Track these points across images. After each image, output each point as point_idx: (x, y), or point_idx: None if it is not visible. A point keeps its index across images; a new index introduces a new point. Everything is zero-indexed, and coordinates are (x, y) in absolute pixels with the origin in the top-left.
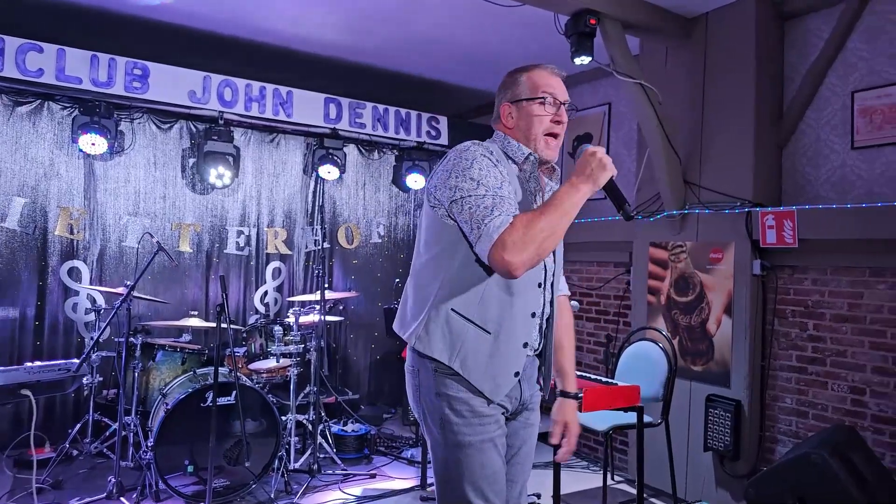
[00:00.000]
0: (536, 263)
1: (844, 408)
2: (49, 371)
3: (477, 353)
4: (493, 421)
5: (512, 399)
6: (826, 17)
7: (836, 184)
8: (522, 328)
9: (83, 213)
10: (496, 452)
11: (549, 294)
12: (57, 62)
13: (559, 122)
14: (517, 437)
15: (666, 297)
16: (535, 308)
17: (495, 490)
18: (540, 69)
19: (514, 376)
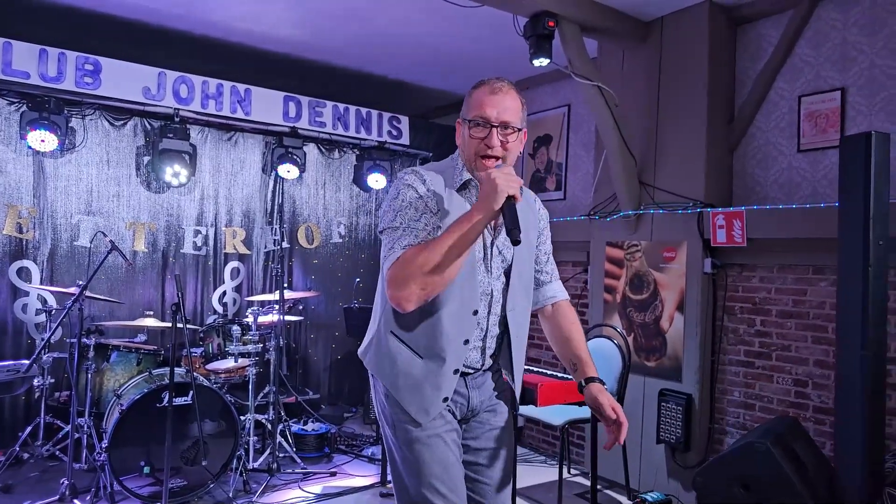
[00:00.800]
0: (426, 296)
1: (789, 400)
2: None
3: (408, 375)
4: (438, 417)
5: (458, 405)
6: (776, 22)
7: (784, 185)
8: (453, 355)
9: (32, 211)
10: (446, 447)
11: (493, 320)
12: (3, 55)
13: (489, 147)
14: (481, 439)
15: (622, 296)
16: (469, 335)
17: (448, 485)
18: (480, 88)
19: (441, 401)
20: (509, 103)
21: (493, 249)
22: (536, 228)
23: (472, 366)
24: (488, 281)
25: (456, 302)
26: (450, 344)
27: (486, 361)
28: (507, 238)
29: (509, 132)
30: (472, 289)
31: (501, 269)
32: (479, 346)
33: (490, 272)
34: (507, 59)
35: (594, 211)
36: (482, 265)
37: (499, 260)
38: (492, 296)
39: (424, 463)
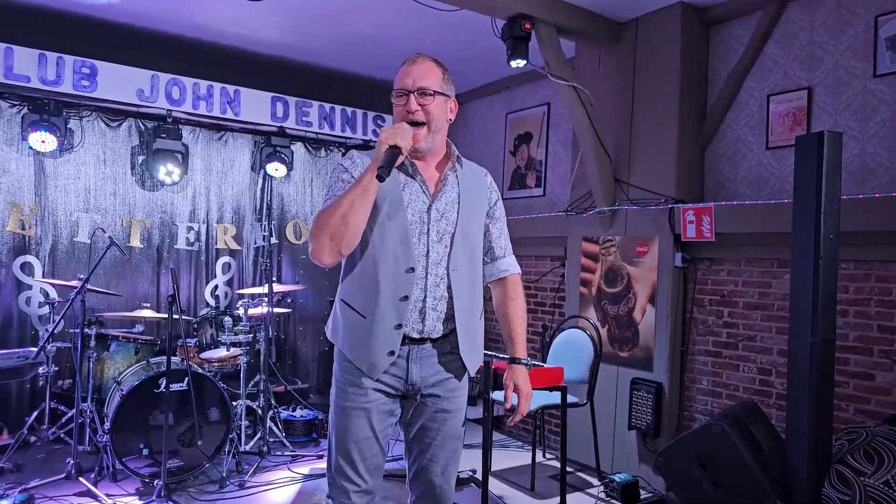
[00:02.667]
0: (338, 247)
1: (753, 388)
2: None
3: (355, 335)
4: (365, 394)
5: (397, 378)
6: (746, 23)
7: (752, 182)
8: (393, 311)
9: (34, 209)
10: (365, 422)
11: (433, 280)
12: (5, 60)
13: (409, 110)
14: (433, 420)
15: (597, 289)
16: (406, 292)
17: (362, 455)
18: (402, 66)
19: (388, 355)
20: (425, 70)
21: (431, 213)
22: (485, 200)
23: (414, 327)
24: (426, 242)
25: (391, 261)
26: (388, 301)
27: (428, 326)
28: (448, 203)
29: (427, 96)
30: (407, 248)
31: (445, 233)
32: (418, 307)
33: (428, 234)
34: (486, 60)
35: (571, 207)
36: (419, 227)
37: (442, 224)
38: (429, 257)
39: (345, 432)
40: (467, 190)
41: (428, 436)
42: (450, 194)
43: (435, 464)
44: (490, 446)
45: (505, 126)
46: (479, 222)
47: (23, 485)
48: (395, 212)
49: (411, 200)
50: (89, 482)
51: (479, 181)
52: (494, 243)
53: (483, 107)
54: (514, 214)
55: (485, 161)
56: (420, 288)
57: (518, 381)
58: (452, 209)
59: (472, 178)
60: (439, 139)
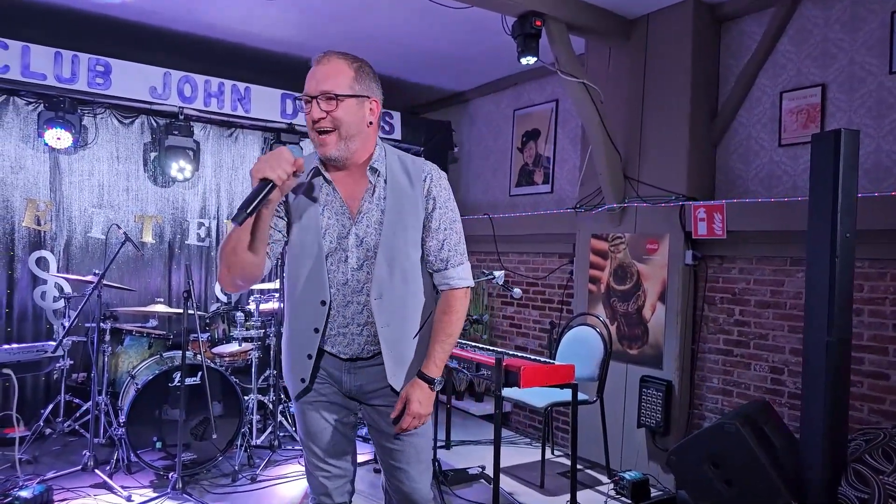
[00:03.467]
0: (234, 276)
1: (765, 386)
2: (28, 352)
3: (285, 359)
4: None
5: (334, 384)
6: (759, 20)
7: (764, 179)
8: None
9: (49, 205)
10: (317, 415)
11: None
12: (22, 58)
13: (314, 121)
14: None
15: (606, 286)
16: (317, 324)
17: (321, 445)
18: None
19: (300, 381)
20: (329, 70)
21: (349, 239)
22: (419, 210)
23: (342, 351)
24: (345, 270)
25: (304, 293)
26: (301, 332)
27: (356, 349)
28: (370, 224)
29: (331, 100)
30: (320, 280)
31: (367, 259)
32: (343, 332)
33: (346, 261)
34: (493, 56)
35: (580, 204)
36: (335, 256)
37: (362, 249)
38: (348, 285)
39: (302, 425)
40: (396, 203)
41: (389, 441)
42: (373, 213)
43: (403, 471)
44: (500, 444)
45: (512, 122)
46: (412, 238)
47: (40, 476)
48: (311, 241)
49: (329, 226)
50: (105, 474)
51: (415, 187)
52: (432, 256)
53: (490, 103)
54: (521, 211)
55: (492, 158)
56: (341, 316)
57: (412, 395)
58: (375, 231)
59: (405, 185)
60: (356, 146)
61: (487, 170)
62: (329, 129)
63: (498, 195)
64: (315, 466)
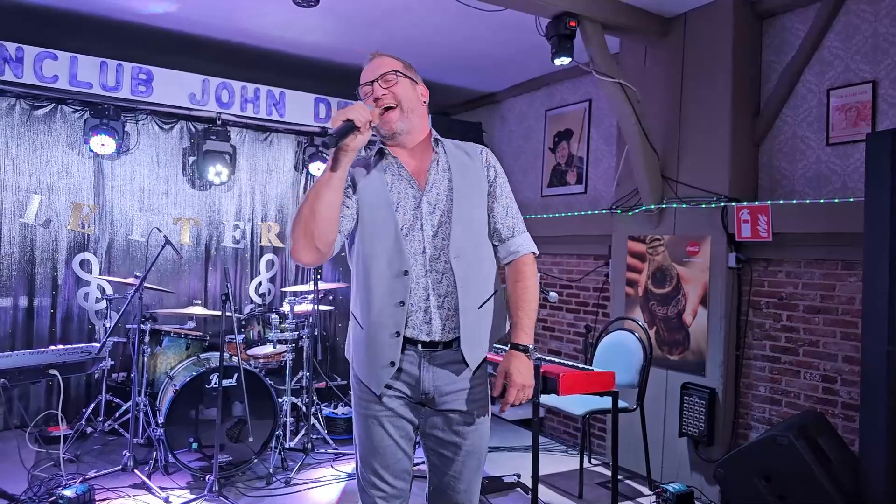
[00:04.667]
0: (313, 242)
1: (816, 395)
2: (73, 353)
3: (358, 350)
4: (378, 401)
5: (410, 386)
6: (802, 15)
7: (812, 179)
8: (390, 319)
9: (93, 208)
10: (381, 430)
11: (435, 277)
12: (70, 69)
13: (377, 98)
14: (454, 433)
15: (643, 289)
16: (402, 297)
17: (383, 462)
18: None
19: (389, 366)
20: (381, 62)
21: (422, 207)
22: (483, 178)
23: (421, 329)
24: (421, 238)
25: (383, 265)
26: (384, 307)
27: (435, 327)
28: (440, 192)
29: (388, 79)
30: (399, 250)
31: (441, 224)
32: (421, 307)
33: (422, 229)
34: (525, 57)
35: (616, 205)
36: (410, 226)
37: (436, 216)
38: (426, 254)
39: (362, 439)
40: (460, 172)
41: (449, 450)
42: (440, 182)
43: (458, 481)
44: (538, 453)
45: (544, 123)
46: (480, 203)
47: (82, 475)
48: (385, 216)
49: (400, 199)
50: (143, 474)
51: (473, 159)
52: (500, 224)
53: (522, 103)
54: (554, 211)
55: (523, 158)
56: (422, 288)
57: (511, 367)
58: (446, 198)
59: (464, 158)
60: (417, 122)
61: (518, 170)
62: (392, 105)
63: (530, 195)
64: (371, 484)
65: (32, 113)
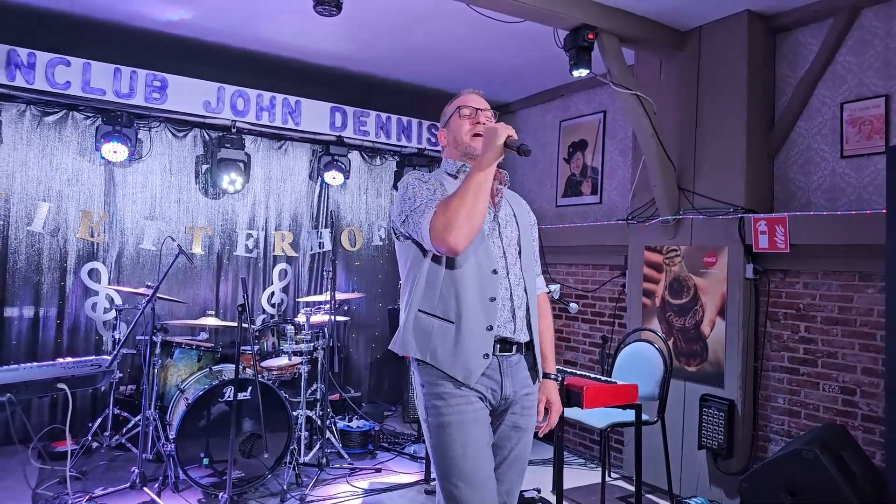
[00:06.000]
0: (472, 232)
1: (836, 408)
2: (83, 366)
3: (444, 343)
4: (469, 402)
5: (492, 391)
6: (815, 30)
7: (827, 191)
8: (483, 313)
9: (103, 216)
10: (478, 429)
11: (514, 280)
12: (83, 75)
13: (478, 122)
14: (507, 439)
15: (661, 300)
16: (494, 293)
17: (482, 473)
18: (460, 95)
19: (483, 358)
20: (482, 100)
21: (498, 219)
22: (530, 218)
23: (506, 327)
24: (500, 245)
25: (474, 264)
26: (478, 302)
27: (518, 325)
28: (507, 214)
29: (489, 116)
30: (486, 251)
31: (512, 239)
32: (507, 306)
33: (501, 238)
34: (540, 68)
35: (632, 215)
36: (490, 231)
37: (507, 230)
38: (506, 258)
39: (457, 446)
40: (517, 207)
41: (500, 454)
42: (506, 208)
43: (502, 483)
44: (562, 466)
45: (559, 133)
46: (531, 235)
47: (89, 493)
48: None
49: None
50: (153, 492)
51: (520, 202)
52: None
53: (536, 114)
54: (569, 222)
55: (538, 168)
56: (504, 287)
57: (550, 395)
58: (512, 219)
59: (517, 199)
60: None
61: (533, 180)
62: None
63: (544, 206)
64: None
65: (43, 119)
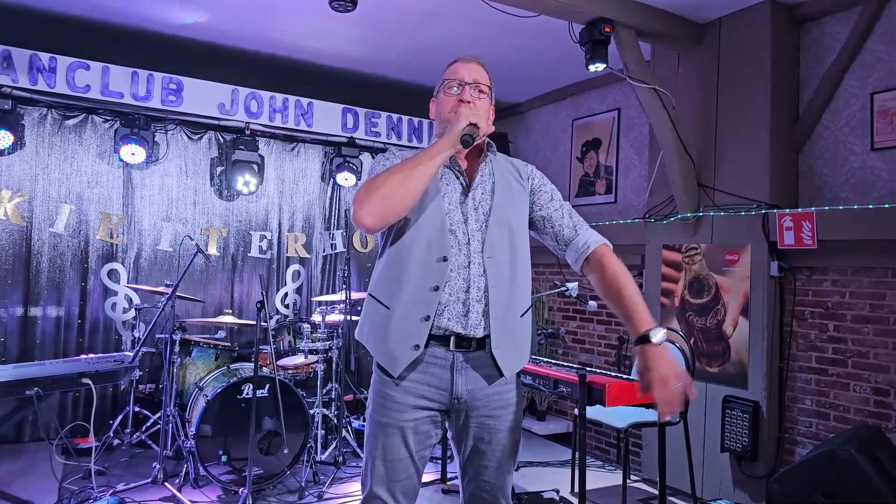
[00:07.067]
0: (387, 211)
1: (867, 409)
2: (106, 362)
3: (378, 327)
4: (403, 410)
5: (440, 392)
6: (842, 19)
7: (856, 185)
8: (422, 302)
9: (122, 218)
10: (400, 440)
11: (475, 270)
12: (102, 78)
13: (461, 99)
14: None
15: (680, 299)
16: (437, 282)
17: (395, 477)
18: (454, 62)
19: (412, 349)
20: (478, 69)
21: (468, 202)
22: (525, 187)
23: (458, 321)
24: (465, 231)
25: (423, 249)
26: (417, 290)
27: (472, 321)
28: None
29: (481, 91)
30: (442, 237)
31: (483, 221)
32: (460, 298)
33: (467, 223)
34: (552, 67)
35: (649, 214)
36: (457, 216)
37: (479, 213)
38: (470, 246)
39: (379, 450)
40: (504, 180)
41: (485, 457)
42: (485, 184)
43: (496, 487)
44: (585, 470)
45: (571, 132)
46: (519, 212)
47: (112, 488)
48: (431, 201)
49: (448, 190)
50: (174, 487)
51: (520, 172)
52: (564, 226)
53: (548, 113)
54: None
55: (550, 168)
56: (462, 278)
57: (649, 363)
58: (488, 197)
59: (511, 169)
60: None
61: None
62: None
63: None
64: (382, 501)
65: (64, 122)
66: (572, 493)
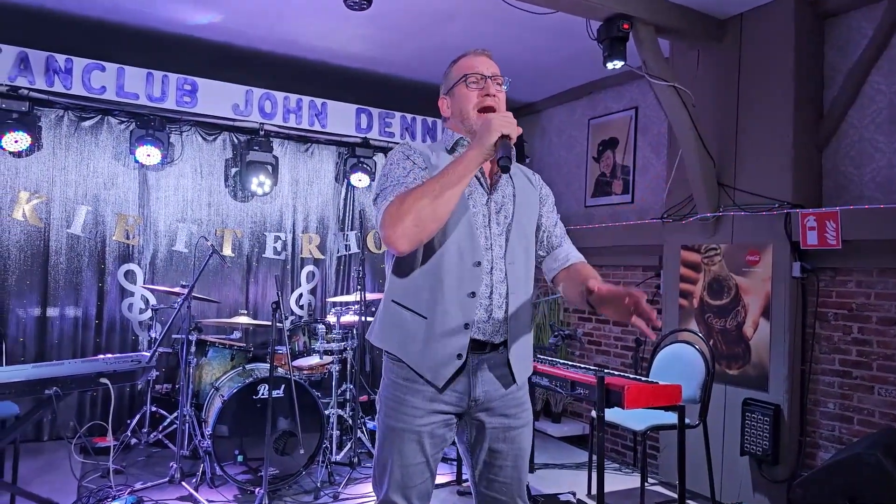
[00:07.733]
0: (420, 235)
1: (893, 413)
2: (124, 362)
3: (414, 338)
4: (420, 415)
5: (458, 394)
6: (868, 14)
7: (882, 184)
8: (459, 309)
9: (138, 219)
10: (417, 446)
11: (497, 276)
12: (117, 80)
13: (487, 94)
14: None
15: (699, 301)
16: (474, 287)
17: (412, 482)
18: (464, 56)
19: (457, 359)
20: (492, 63)
21: (490, 205)
22: (537, 195)
23: (480, 327)
24: (488, 235)
25: (456, 255)
26: (455, 297)
27: (493, 326)
28: (505, 196)
29: (500, 85)
30: (473, 241)
31: (504, 226)
32: (485, 304)
33: (490, 227)
34: (568, 66)
35: (667, 214)
36: (481, 219)
37: (500, 216)
38: (492, 251)
39: (395, 456)
40: (520, 185)
41: (499, 458)
42: (505, 188)
43: (513, 487)
44: (602, 468)
45: (587, 132)
46: (533, 219)
47: (130, 486)
48: (458, 204)
49: (471, 192)
50: (191, 487)
51: (529, 178)
52: (551, 232)
53: (562, 113)
54: (599, 222)
55: (565, 168)
56: (486, 284)
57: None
58: (509, 202)
59: (522, 175)
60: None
61: (560, 181)
62: (490, 107)
63: (573, 206)
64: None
65: (80, 124)
66: (589, 495)
